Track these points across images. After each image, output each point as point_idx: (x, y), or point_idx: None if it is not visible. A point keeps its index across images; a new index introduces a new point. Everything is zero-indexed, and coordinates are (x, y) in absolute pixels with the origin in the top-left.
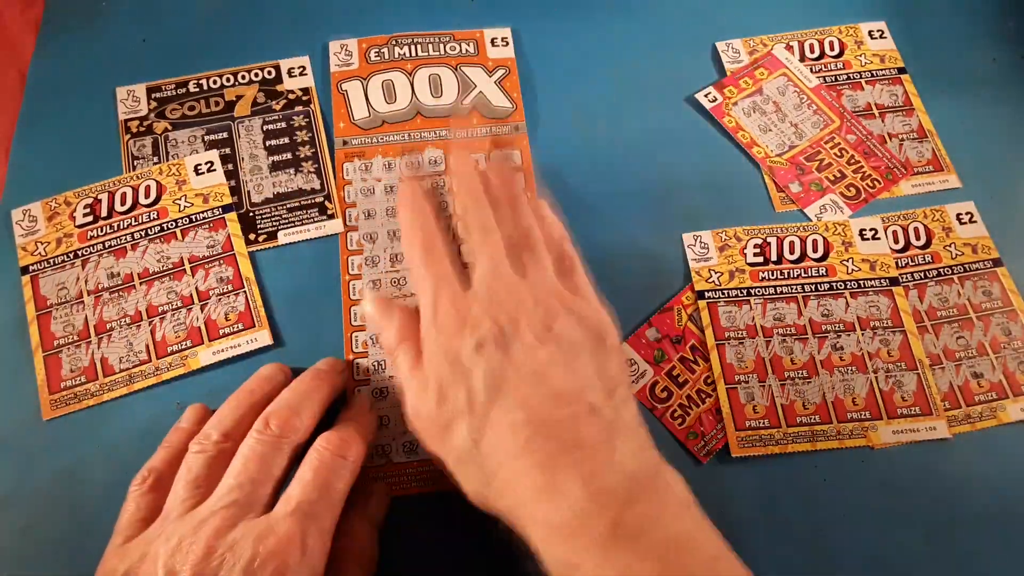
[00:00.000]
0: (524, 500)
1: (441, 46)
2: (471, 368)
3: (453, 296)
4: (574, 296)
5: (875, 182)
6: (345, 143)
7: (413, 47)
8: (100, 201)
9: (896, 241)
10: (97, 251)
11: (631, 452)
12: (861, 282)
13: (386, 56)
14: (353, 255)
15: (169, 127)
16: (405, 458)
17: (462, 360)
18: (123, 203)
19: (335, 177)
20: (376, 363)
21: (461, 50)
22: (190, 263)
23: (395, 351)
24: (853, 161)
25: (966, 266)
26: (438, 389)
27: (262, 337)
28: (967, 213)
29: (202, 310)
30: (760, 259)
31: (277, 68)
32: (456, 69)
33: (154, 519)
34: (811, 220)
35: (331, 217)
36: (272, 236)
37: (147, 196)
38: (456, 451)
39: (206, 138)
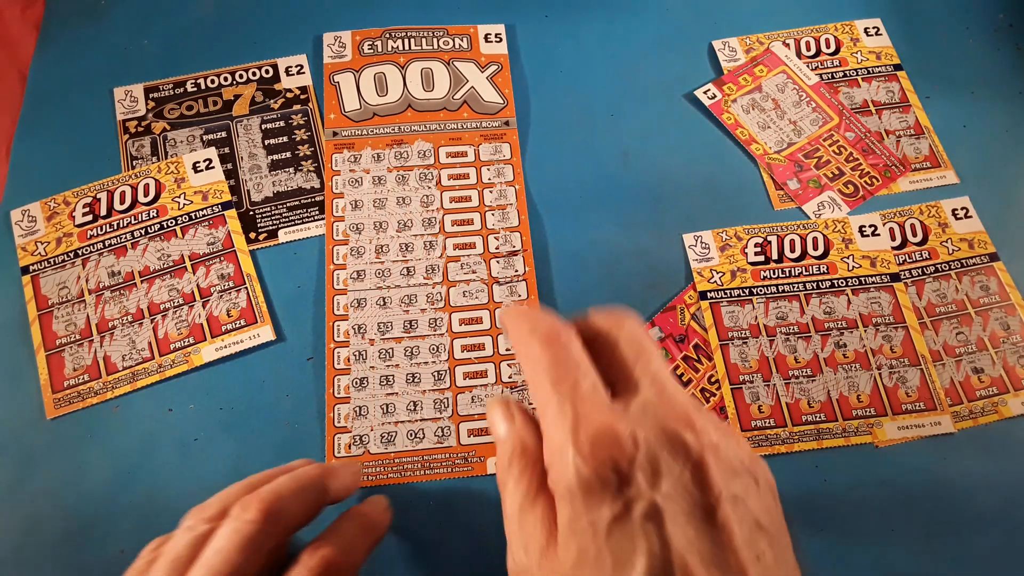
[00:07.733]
0: None
1: (435, 40)
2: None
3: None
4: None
5: (873, 179)
6: (335, 134)
7: (407, 40)
8: (99, 200)
9: (893, 238)
10: (97, 250)
11: None
12: (862, 279)
13: (379, 49)
14: (339, 245)
15: (167, 127)
16: (383, 449)
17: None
18: (122, 202)
19: (325, 168)
20: (356, 353)
21: (454, 45)
22: (191, 260)
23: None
24: (851, 158)
25: (963, 261)
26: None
27: (264, 333)
28: (962, 208)
29: (204, 307)
30: (761, 258)
31: (275, 67)
32: (449, 63)
33: None
34: (809, 218)
35: None
36: (273, 234)
37: (146, 194)
38: None
39: (204, 137)
